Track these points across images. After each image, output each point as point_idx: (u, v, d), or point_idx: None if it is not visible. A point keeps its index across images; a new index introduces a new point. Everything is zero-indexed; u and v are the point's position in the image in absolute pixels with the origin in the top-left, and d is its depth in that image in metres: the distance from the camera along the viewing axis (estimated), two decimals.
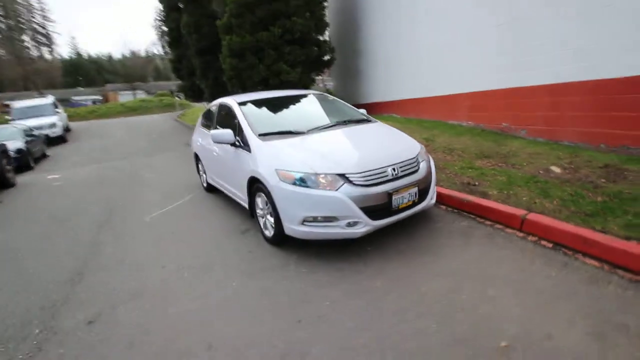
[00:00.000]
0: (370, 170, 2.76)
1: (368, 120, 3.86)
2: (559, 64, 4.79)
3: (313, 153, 3.00)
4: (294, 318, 2.15)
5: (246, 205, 3.66)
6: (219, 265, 2.97)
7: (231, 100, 4.10)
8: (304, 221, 2.73)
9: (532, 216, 2.88)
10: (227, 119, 4.13)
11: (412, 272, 2.51)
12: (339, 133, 3.43)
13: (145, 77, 45.88)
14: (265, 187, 3.00)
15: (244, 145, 3.43)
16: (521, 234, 2.87)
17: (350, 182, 2.69)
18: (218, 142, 3.65)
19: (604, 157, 4.14)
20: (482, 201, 3.32)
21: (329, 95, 4.67)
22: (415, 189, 2.91)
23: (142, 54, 51.04)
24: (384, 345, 1.84)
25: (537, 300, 2.06)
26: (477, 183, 4.05)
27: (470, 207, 3.41)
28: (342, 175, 2.71)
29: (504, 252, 2.65)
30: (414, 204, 2.94)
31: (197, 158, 5.54)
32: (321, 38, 11.70)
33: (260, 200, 3.27)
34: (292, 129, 3.49)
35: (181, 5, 16.12)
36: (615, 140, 4.19)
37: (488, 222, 3.17)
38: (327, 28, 11.77)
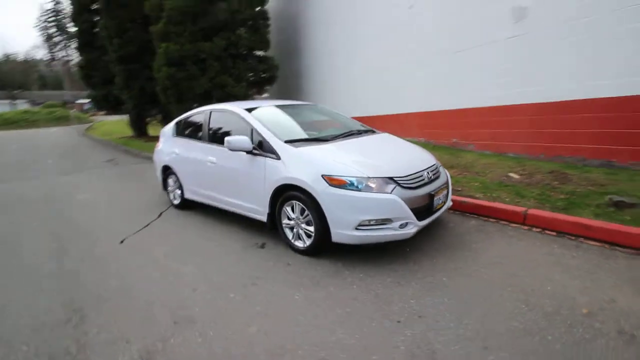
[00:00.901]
0: (414, 174, 2.94)
1: (373, 131, 4.06)
2: (505, 89, 5.80)
3: (352, 158, 3.05)
4: (391, 319, 2.12)
5: (261, 217, 3.45)
6: (263, 280, 2.72)
7: (235, 107, 3.86)
8: (359, 225, 2.74)
9: (532, 211, 3.42)
10: (228, 126, 3.87)
11: (464, 265, 2.72)
12: (362, 141, 3.53)
13: (28, 85, 38.69)
14: (306, 194, 2.93)
15: (268, 152, 3.28)
16: (526, 227, 3.37)
17: (399, 185, 2.82)
18: (234, 149, 3.40)
19: (547, 165, 5.12)
20: (483, 202, 3.79)
21: (322, 106, 4.76)
22: (446, 191, 3.19)
23: (21, 58, 43.15)
24: (493, 327, 1.98)
25: (581, 274, 2.48)
26: (460, 188, 4.57)
27: (471, 208, 3.84)
28: (392, 179, 2.82)
29: (524, 242, 3.08)
30: (443, 205, 3.21)
31: (165, 172, 4.98)
32: (265, 55, 11.73)
33: (289, 210, 3.14)
34: (316, 136, 3.47)
35: (97, 6, 14.38)
36: (552, 152, 5.24)
37: (492, 220, 3.63)
38: (269, 45, 11.84)
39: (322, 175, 2.85)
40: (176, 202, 4.93)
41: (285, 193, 3.15)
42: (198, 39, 10.35)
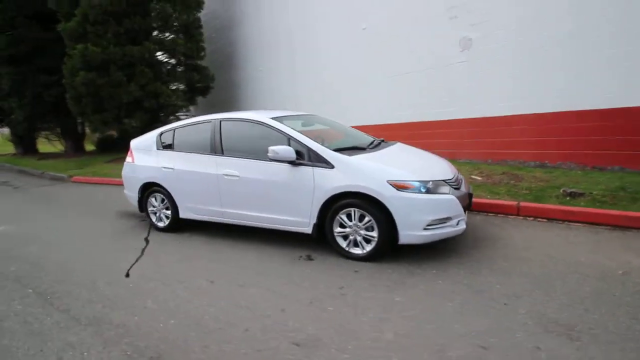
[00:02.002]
0: (454, 177, 3.30)
1: (384, 141, 4.29)
2: (452, 107, 6.78)
3: (403, 165, 3.25)
4: (498, 301, 2.35)
5: (304, 229, 3.36)
6: (348, 289, 2.67)
7: (261, 117, 3.65)
8: (427, 225, 2.93)
9: (523, 204, 4.14)
10: (250, 137, 3.64)
11: (507, 251, 3.15)
12: (392, 150, 3.72)
13: None
14: (368, 201, 3.00)
15: (316, 162, 3.22)
16: (521, 217, 4.07)
17: (450, 186, 3.13)
18: (279, 160, 3.24)
19: (498, 168, 6.18)
20: (483, 200, 4.41)
21: (320, 116, 4.80)
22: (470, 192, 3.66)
23: None
24: (577, 294, 2.40)
25: (591, 247, 3.14)
26: None
27: (473, 206, 4.42)
28: (444, 181, 3.12)
29: (530, 229, 3.72)
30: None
31: (144, 191, 4.36)
32: (199, 64, 11.05)
33: (345, 218, 3.14)
34: (348, 145, 3.55)
35: None
36: (497, 157, 6.36)
37: (491, 214, 4.26)
38: (205, 53, 11.22)
39: (388, 181, 2.98)
40: (161, 224, 4.34)
41: (338, 202, 3.16)
42: (123, 42, 9.19)
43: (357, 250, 3.17)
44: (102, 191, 7.65)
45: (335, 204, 3.17)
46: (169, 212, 4.29)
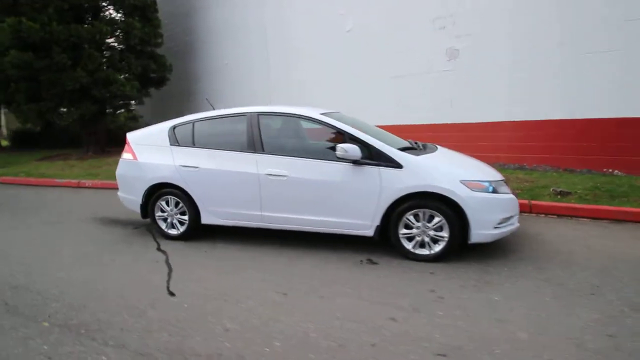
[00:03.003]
0: (504, 178, 3.45)
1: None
2: (436, 112, 7.15)
3: (465, 166, 3.28)
4: (602, 300, 2.45)
5: (364, 232, 3.20)
6: (441, 292, 2.58)
7: (310, 112, 3.36)
8: (498, 224, 3.00)
9: (534, 202, 4.53)
10: (298, 134, 3.34)
11: (547, 250, 3.34)
12: (443, 152, 3.67)
13: None
14: (440, 201, 2.97)
15: (382, 161, 3.08)
16: (534, 215, 4.44)
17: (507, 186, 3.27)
18: (347, 158, 3.01)
19: None
20: None
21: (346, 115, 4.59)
22: None
23: None
24: (636, 278, 2.68)
25: (607, 238, 3.54)
26: None
27: None
28: (502, 181, 3.23)
29: (549, 224, 4.06)
30: None
31: (151, 194, 3.75)
32: (156, 52, 9.94)
33: (412, 219, 3.06)
34: (402, 145, 3.47)
35: None
36: (480, 160, 6.89)
37: None
38: (163, 40, 10.15)
39: (461, 181, 2.98)
40: (174, 231, 3.78)
41: (406, 202, 3.07)
42: (68, 20, 7.82)
43: (423, 251, 3.11)
44: (50, 194, 6.39)
45: (403, 205, 3.08)
46: (185, 217, 3.72)
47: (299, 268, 3.11)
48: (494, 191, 3.04)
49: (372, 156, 3.13)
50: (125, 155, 3.93)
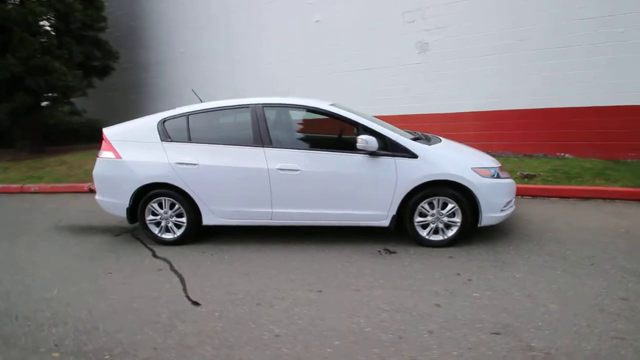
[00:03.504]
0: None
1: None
2: (409, 103, 7.38)
3: (470, 154, 3.44)
4: (601, 270, 2.68)
5: (379, 222, 3.22)
6: (467, 273, 2.69)
7: (320, 103, 3.23)
8: (503, 207, 3.20)
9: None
10: (306, 125, 3.20)
11: (537, 229, 3.64)
12: (448, 141, 3.75)
13: None
14: (454, 188, 3.09)
15: (397, 151, 3.09)
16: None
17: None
18: (367, 149, 2.97)
19: None
20: None
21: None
22: None
23: None
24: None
25: (587, 212, 4.01)
26: None
27: None
28: (501, 167, 3.45)
29: (530, 205, 4.44)
30: None
31: (140, 195, 3.39)
32: (100, 38, 8.88)
33: (427, 207, 3.14)
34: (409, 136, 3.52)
35: None
36: None
37: None
38: (107, 24, 9.11)
39: (472, 168, 3.12)
40: (169, 236, 3.47)
41: (421, 191, 3.14)
42: None
43: (438, 237, 3.21)
44: None
45: (418, 194, 3.14)
46: (182, 219, 3.41)
47: (319, 264, 3.03)
48: (498, 176, 3.25)
49: (387, 147, 3.14)
50: (105, 154, 3.46)
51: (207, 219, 3.39)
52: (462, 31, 6.67)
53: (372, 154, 3.11)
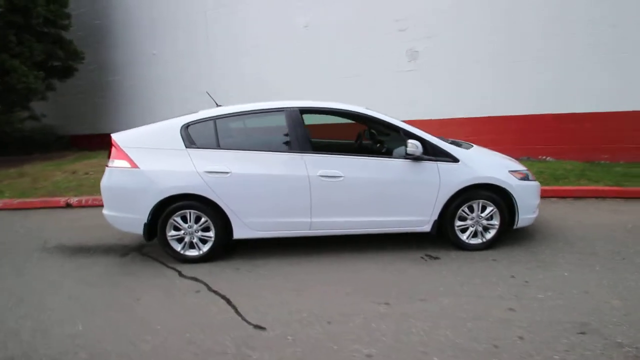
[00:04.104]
0: None
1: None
2: (394, 108, 7.52)
3: (502, 157, 3.52)
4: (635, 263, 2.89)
5: (421, 228, 3.19)
6: (520, 276, 2.71)
7: (358, 108, 3.11)
8: (535, 209, 3.29)
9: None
10: (345, 130, 3.07)
11: (554, 227, 3.83)
12: (477, 146, 3.75)
13: None
14: (492, 191, 3.14)
15: (439, 156, 3.07)
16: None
17: None
18: (416, 154, 2.91)
19: None
20: None
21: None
22: None
23: None
24: None
25: (587, 208, 4.31)
26: None
27: None
28: (529, 170, 3.57)
29: (564, 205, 4.67)
30: None
31: (161, 209, 3.04)
32: (62, 36, 8.04)
33: (467, 211, 3.15)
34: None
35: None
36: None
37: None
38: (71, 21, 8.30)
39: (509, 171, 3.20)
40: (194, 252, 3.16)
41: (460, 196, 3.14)
42: None
43: (477, 241, 3.23)
44: None
45: (459, 198, 3.14)
46: (208, 234, 3.10)
47: (367, 274, 2.90)
48: (529, 178, 3.37)
49: (429, 151, 3.12)
50: (118, 163, 3.06)
51: (240, 233, 3.11)
52: (450, 40, 6.94)
53: (416, 158, 3.07)
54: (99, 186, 3.20)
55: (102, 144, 9.80)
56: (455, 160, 3.13)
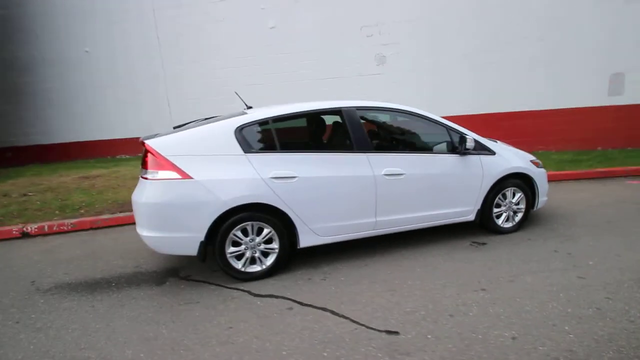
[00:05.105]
0: None
1: None
2: None
3: (516, 149, 3.94)
4: None
5: (466, 218, 3.44)
6: (560, 250, 3.12)
7: (408, 107, 3.15)
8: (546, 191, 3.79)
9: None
10: (395, 128, 3.12)
11: (556, 207, 4.46)
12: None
13: None
14: (520, 178, 3.54)
15: (479, 150, 3.33)
16: None
17: None
18: (477, 149, 3.07)
19: None
20: None
21: None
22: None
23: None
24: None
25: (584, 190, 5.00)
26: None
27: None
28: None
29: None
30: None
31: (221, 221, 2.71)
32: None
33: (502, 198, 3.50)
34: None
35: None
36: None
37: None
38: None
39: (530, 161, 3.63)
40: (256, 268, 2.87)
41: (501, 184, 3.46)
42: None
43: (508, 225, 3.60)
44: None
45: (496, 187, 3.47)
46: (271, 245, 2.82)
47: (439, 265, 2.99)
48: (541, 166, 3.89)
49: (477, 145, 3.38)
50: (164, 174, 2.57)
51: (306, 240, 2.91)
52: (414, 46, 7.50)
53: (463, 153, 3.29)
54: (52, 208, 2.68)
55: (13, 160, 8.01)
56: (492, 153, 3.46)
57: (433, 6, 7.33)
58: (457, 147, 3.28)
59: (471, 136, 3.38)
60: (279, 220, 2.82)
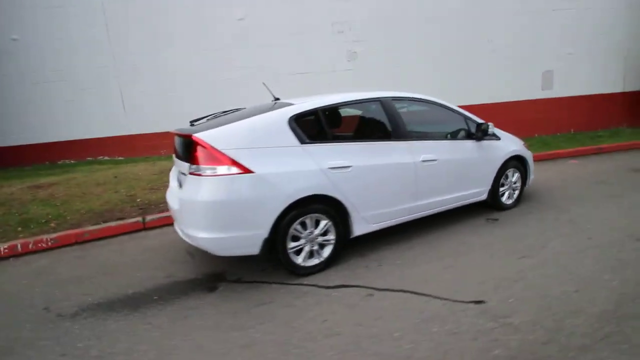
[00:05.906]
0: None
1: None
2: None
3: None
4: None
5: (481, 198, 3.78)
6: (565, 220, 3.59)
7: (432, 97, 3.30)
8: None
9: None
10: (420, 117, 3.32)
11: (552, 181, 5.12)
12: None
13: None
14: (518, 160, 4.00)
15: (490, 136, 3.67)
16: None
17: None
18: (482, 136, 3.48)
19: None
20: None
21: None
22: None
23: None
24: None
25: (568, 168, 5.78)
26: None
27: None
28: None
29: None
30: None
31: (285, 213, 2.61)
32: None
33: (504, 179, 3.91)
34: None
35: None
36: None
37: None
38: None
39: (523, 145, 4.10)
40: (314, 262, 2.81)
41: (507, 164, 3.87)
42: None
43: (509, 201, 4.05)
44: None
45: (502, 169, 3.86)
46: (327, 237, 2.77)
47: (474, 242, 3.23)
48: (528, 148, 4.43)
49: (483, 132, 3.71)
50: (222, 170, 2.34)
51: (359, 229, 2.92)
52: (381, 43, 7.80)
53: (480, 139, 3.61)
54: (11, 225, 2.45)
55: None
56: (498, 138, 3.86)
57: (398, 6, 7.72)
58: (474, 133, 3.60)
59: (482, 122, 3.74)
60: (335, 211, 2.79)
